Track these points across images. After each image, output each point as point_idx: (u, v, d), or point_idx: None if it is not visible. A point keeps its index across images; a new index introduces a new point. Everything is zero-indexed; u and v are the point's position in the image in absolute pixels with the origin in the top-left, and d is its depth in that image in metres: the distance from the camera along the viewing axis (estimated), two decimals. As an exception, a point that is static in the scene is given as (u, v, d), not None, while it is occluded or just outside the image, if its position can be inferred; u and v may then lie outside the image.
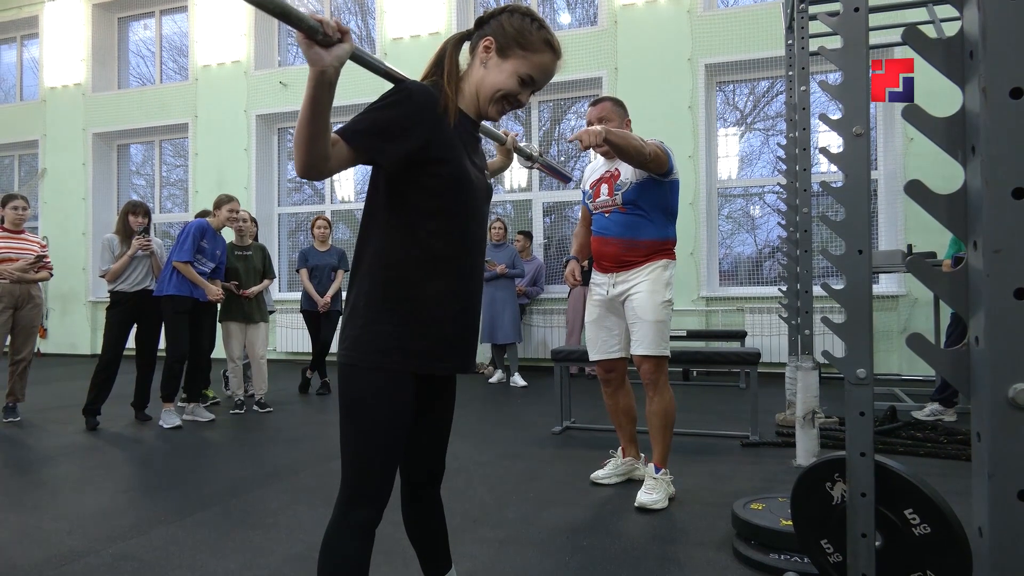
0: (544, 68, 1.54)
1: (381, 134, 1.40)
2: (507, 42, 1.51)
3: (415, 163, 1.43)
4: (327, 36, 1.21)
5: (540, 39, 1.53)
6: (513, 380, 6.64)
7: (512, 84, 1.52)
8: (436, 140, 1.45)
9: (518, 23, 1.53)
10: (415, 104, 1.43)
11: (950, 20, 4.41)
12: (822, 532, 1.81)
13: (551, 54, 1.55)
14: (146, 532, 2.65)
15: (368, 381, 1.43)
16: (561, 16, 8.63)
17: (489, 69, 1.52)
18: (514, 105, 1.56)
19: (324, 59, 1.22)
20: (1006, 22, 0.74)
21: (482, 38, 1.54)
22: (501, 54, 1.52)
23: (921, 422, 4.26)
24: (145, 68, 10.69)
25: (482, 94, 1.53)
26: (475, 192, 1.53)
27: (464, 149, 1.52)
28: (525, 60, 1.52)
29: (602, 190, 3.10)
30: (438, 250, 1.47)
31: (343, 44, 1.24)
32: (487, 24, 1.56)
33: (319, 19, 1.20)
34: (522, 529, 2.66)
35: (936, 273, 0.88)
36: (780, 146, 4.88)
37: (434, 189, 1.46)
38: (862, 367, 1.65)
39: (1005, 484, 0.77)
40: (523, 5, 1.59)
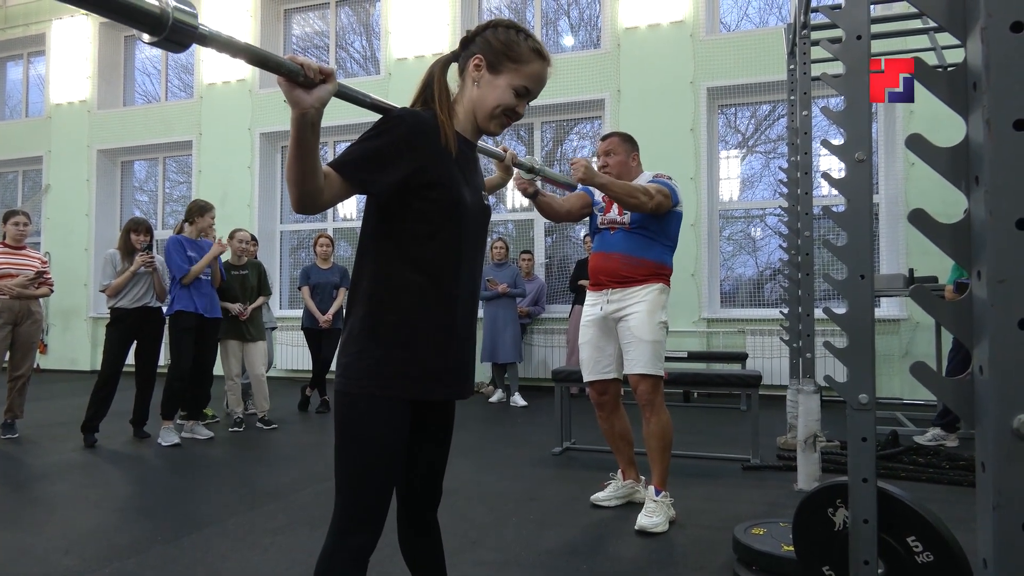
0: (537, 76, 1.55)
1: (372, 164, 1.39)
2: (497, 57, 1.52)
3: (408, 189, 1.43)
4: (308, 79, 1.21)
5: (528, 49, 1.53)
6: (513, 400, 6.62)
7: (509, 98, 1.52)
8: (429, 166, 1.44)
9: (504, 36, 1.53)
10: (406, 131, 1.42)
11: (951, 48, 4.45)
12: (824, 558, 1.79)
13: (541, 61, 1.55)
14: (143, 552, 2.63)
15: (362, 408, 1.42)
16: (564, 39, 8.71)
17: (483, 87, 1.52)
18: (513, 118, 1.56)
19: (305, 101, 1.22)
20: (1009, 55, 0.75)
21: (470, 57, 1.54)
22: (492, 70, 1.52)
23: (923, 447, 4.24)
24: (150, 86, 10.78)
25: (480, 112, 1.53)
26: (471, 216, 1.53)
27: (460, 173, 1.51)
28: (517, 72, 1.52)
29: (613, 207, 3.14)
30: (433, 277, 1.46)
31: (325, 85, 1.24)
32: (473, 43, 1.56)
33: (300, 62, 1.20)
34: (521, 551, 2.64)
35: (940, 302, 0.88)
36: (782, 169, 4.91)
37: (428, 214, 1.46)
38: (864, 392, 1.65)
39: (1010, 515, 0.77)
40: (505, 18, 1.60)
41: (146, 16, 0.93)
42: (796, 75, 3.98)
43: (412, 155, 1.42)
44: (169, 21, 0.94)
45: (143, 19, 0.93)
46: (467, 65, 1.55)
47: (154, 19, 0.94)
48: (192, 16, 0.98)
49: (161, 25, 0.94)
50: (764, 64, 7.11)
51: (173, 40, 0.97)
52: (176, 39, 0.97)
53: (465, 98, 1.55)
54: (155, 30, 0.94)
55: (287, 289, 9.47)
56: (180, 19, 0.96)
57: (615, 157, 3.16)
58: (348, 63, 9.76)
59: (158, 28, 0.94)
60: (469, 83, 1.54)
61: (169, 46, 0.98)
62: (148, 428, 4.96)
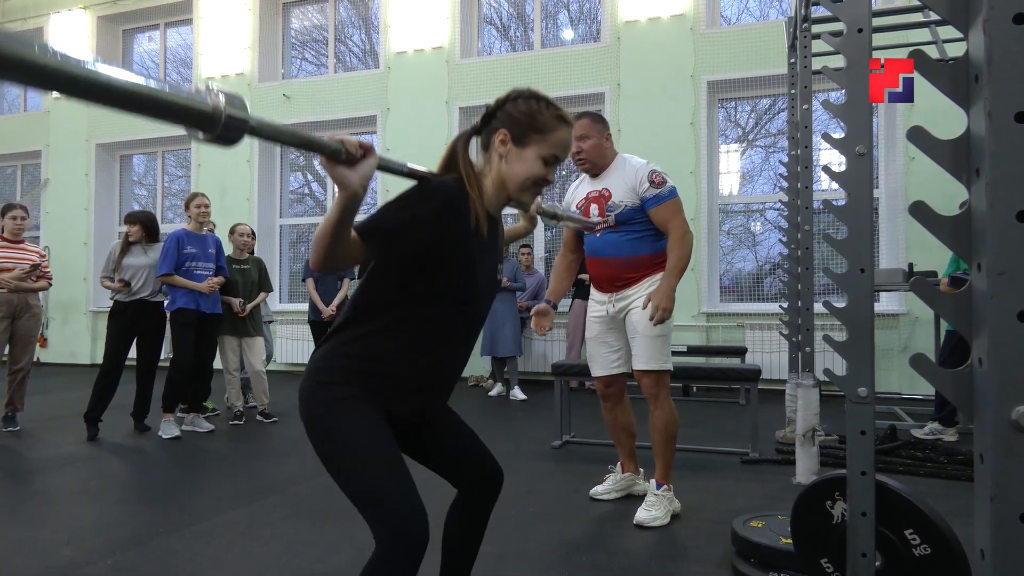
0: (563, 143, 1.55)
1: (396, 235, 1.39)
2: (521, 130, 1.51)
3: (427, 258, 1.44)
4: (350, 155, 1.19)
5: (552, 117, 1.53)
6: (513, 394, 6.63)
7: (539, 169, 1.52)
8: (452, 244, 1.45)
9: (526, 108, 1.53)
10: (437, 207, 1.41)
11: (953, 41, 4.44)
12: (822, 551, 1.80)
13: (566, 127, 1.55)
14: (145, 543, 2.64)
15: (333, 420, 1.43)
16: (564, 32, 8.69)
17: (511, 161, 1.52)
18: (544, 186, 1.56)
19: (353, 182, 1.21)
20: (1011, 47, 0.75)
21: (494, 132, 1.53)
22: (519, 143, 1.51)
23: (921, 441, 4.25)
24: (150, 79, 10.74)
25: (512, 185, 1.53)
26: (477, 295, 1.54)
27: (480, 253, 1.51)
28: (544, 142, 1.51)
29: (592, 210, 3.03)
30: (426, 337, 1.48)
31: (368, 160, 1.22)
32: (495, 117, 1.55)
33: (340, 140, 1.18)
34: (520, 544, 2.64)
35: (939, 294, 0.88)
36: (782, 163, 4.91)
37: (437, 284, 1.47)
38: (863, 386, 1.65)
39: (1008, 507, 0.77)
40: (524, 89, 1.59)
41: (200, 117, 0.91)
42: (797, 69, 3.98)
43: (438, 232, 1.42)
44: (222, 119, 0.93)
45: (196, 120, 0.91)
46: (492, 140, 1.54)
47: (207, 119, 0.92)
48: (243, 110, 0.96)
49: (214, 124, 0.92)
50: (765, 58, 7.10)
51: (225, 137, 0.95)
52: (228, 136, 0.95)
53: (492, 171, 1.54)
54: (208, 129, 0.93)
55: (287, 283, 9.47)
56: (232, 115, 0.94)
57: (588, 141, 2.99)
58: (347, 57, 9.74)
59: (211, 127, 0.92)
60: (495, 157, 1.53)
61: (221, 143, 0.96)
62: (149, 421, 4.97)
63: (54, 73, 0.73)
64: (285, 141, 1.09)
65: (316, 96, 9.08)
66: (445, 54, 8.47)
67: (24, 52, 0.69)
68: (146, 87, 0.85)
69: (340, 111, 8.96)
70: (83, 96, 0.79)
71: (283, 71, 9.79)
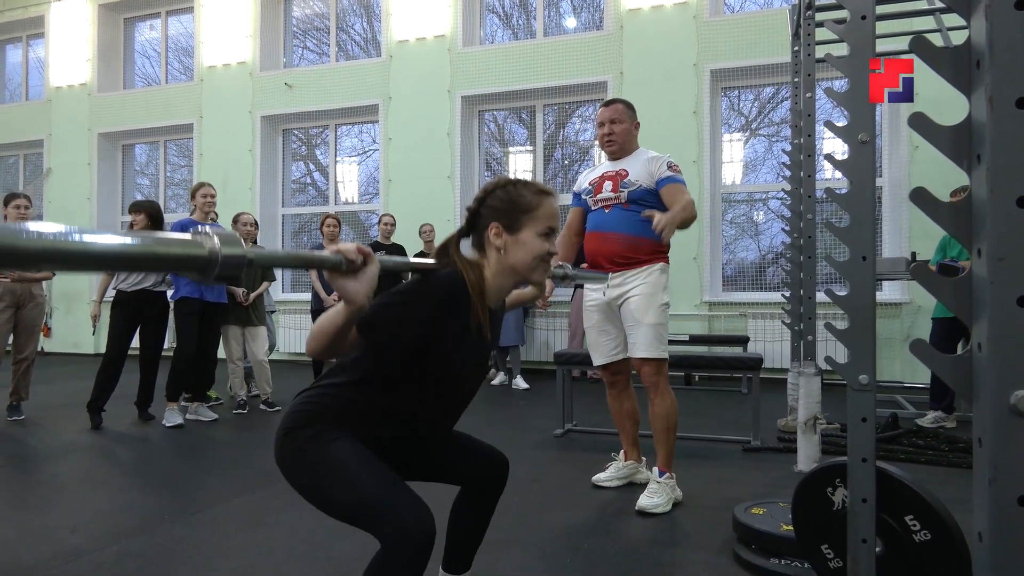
0: (552, 214, 1.57)
1: (394, 331, 1.43)
2: (511, 218, 1.54)
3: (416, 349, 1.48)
4: (351, 263, 1.20)
5: (533, 194, 1.56)
6: (515, 383, 6.65)
7: (539, 245, 1.54)
8: (445, 341, 1.49)
9: (506, 195, 1.56)
10: (437, 306, 1.45)
11: (957, 29, 4.42)
12: (823, 537, 1.81)
13: (549, 197, 1.58)
14: (150, 531, 2.66)
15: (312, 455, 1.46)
16: (567, 20, 8.65)
17: (510, 250, 1.54)
18: (550, 259, 1.58)
19: (359, 297, 1.22)
20: (1013, 32, 0.75)
21: (485, 229, 1.56)
22: (512, 230, 1.54)
23: (923, 429, 4.26)
24: (150, 69, 10.73)
25: (522, 270, 1.55)
26: (462, 381, 1.59)
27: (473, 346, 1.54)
28: (535, 220, 1.54)
29: (605, 186, 3.08)
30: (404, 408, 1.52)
31: (369, 267, 1.23)
32: (479, 215, 1.58)
33: (338, 250, 1.19)
34: (523, 531, 2.66)
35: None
36: (785, 152, 4.89)
37: (421, 368, 1.50)
38: (864, 373, 1.65)
39: (1006, 489, 0.78)
40: (495, 179, 1.62)
41: (195, 262, 0.92)
42: (800, 56, 3.96)
43: (434, 329, 1.46)
44: (218, 260, 0.93)
45: (193, 265, 0.92)
46: (485, 236, 1.56)
47: (204, 263, 0.92)
48: (238, 246, 0.96)
49: (211, 266, 0.93)
50: (768, 46, 7.06)
51: (224, 276, 0.95)
52: (227, 274, 0.95)
53: (492, 264, 1.56)
54: (206, 272, 0.93)
55: (288, 273, 9.48)
56: (228, 255, 0.94)
57: (620, 125, 3.08)
58: (349, 45, 9.70)
59: (208, 270, 0.93)
60: (493, 252, 1.55)
61: (221, 282, 0.97)
62: (153, 410, 4.99)
63: (46, 255, 0.73)
64: (285, 265, 1.12)
65: (318, 85, 9.06)
66: (447, 42, 8.44)
67: (11, 241, 0.69)
68: (140, 247, 0.85)
69: (342, 100, 8.93)
70: (82, 268, 0.80)
71: (284, 60, 9.76)
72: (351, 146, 9.58)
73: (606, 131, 3.10)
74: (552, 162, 8.59)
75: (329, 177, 9.54)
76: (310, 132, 9.77)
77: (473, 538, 1.79)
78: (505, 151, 8.84)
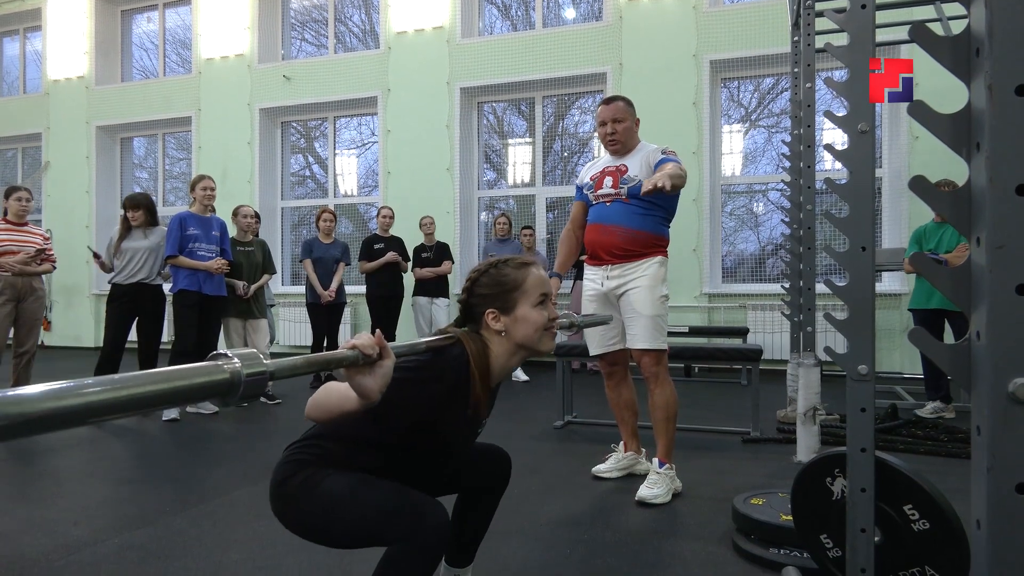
0: (540, 281, 1.58)
1: (395, 410, 1.41)
2: (502, 300, 1.55)
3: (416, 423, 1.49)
4: (367, 356, 1.18)
5: (515, 269, 1.56)
6: (515, 375, 6.66)
7: (538, 316, 1.55)
8: (442, 421, 1.50)
9: (490, 280, 1.56)
10: (439, 390, 1.46)
11: (957, 18, 4.40)
12: (822, 527, 1.82)
13: (534, 268, 1.59)
14: (151, 523, 2.67)
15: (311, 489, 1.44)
16: (566, 11, 8.61)
17: (512, 329, 1.54)
18: (553, 323, 1.59)
19: (373, 393, 1.21)
20: (1013, 20, 0.75)
21: (481, 317, 1.56)
22: (507, 312, 1.54)
23: (922, 420, 4.27)
24: (148, 61, 10.70)
25: (531, 344, 1.56)
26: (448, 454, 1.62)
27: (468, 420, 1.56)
28: (526, 294, 1.55)
29: (605, 182, 3.09)
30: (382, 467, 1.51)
31: (385, 361, 1.20)
32: (473, 306, 1.58)
33: (354, 345, 1.17)
34: (523, 521, 2.67)
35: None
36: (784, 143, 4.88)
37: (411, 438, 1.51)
38: (864, 363, 1.65)
39: (1004, 478, 0.78)
40: (475, 268, 1.63)
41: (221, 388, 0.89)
42: (800, 47, 3.95)
43: (436, 411, 1.47)
44: (242, 383, 0.90)
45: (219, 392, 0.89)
46: (483, 323, 1.56)
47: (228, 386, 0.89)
48: (260, 365, 0.93)
49: (235, 388, 0.90)
50: (768, 36, 7.04)
51: (247, 396, 0.92)
52: (252, 393, 0.93)
53: (498, 346, 1.56)
54: (231, 395, 0.90)
55: (288, 265, 9.48)
56: (252, 374, 0.91)
57: (622, 124, 3.08)
58: (347, 37, 9.67)
59: (232, 392, 0.90)
60: (495, 336, 1.56)
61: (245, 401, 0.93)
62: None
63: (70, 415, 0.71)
64: (304, 372, 1.07)
65: (316, 77, 9.03)
66: (446, 34, 8.41)
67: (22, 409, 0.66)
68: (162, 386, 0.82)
69: (340, 92, 8.91)
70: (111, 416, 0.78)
71: (283, 52, 9.73)
72: (350, 138, 9.56)
73: (609, 130, 3.10)
74: (551, 154, 8.57)
75: (328, 169, 9.52)
76: (309, 124, 9.74)
77: (477, 533, 1.80)
78: (504, 143, 8.82)
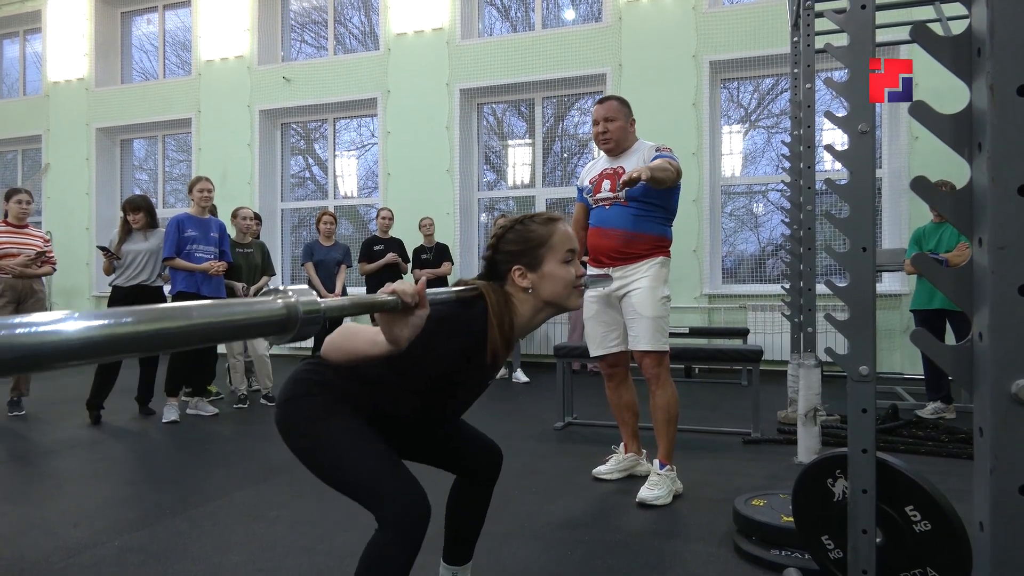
0: (567, 237, 1.55)
1: (419, 358, 1.42)
2: (529, 255, 1.52)
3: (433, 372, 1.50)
4: (406, 305, 1.17)
5: (541, 225, 1.55)
6: (515, 376, 6.65)
7: (566, 272, 1.53)
8: (454, 371, 1.50)
9: (517, 236, 1.55)
10: (459, 345, 1.46)
11: (957, 18, 4.40)
12: (823, 528, 1.81)
13: (560, 223, 1.57)
14: (151, 525, 2.66)
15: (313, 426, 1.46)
16: (565, 12, 8.62)
17: (539, 286, 1.52)
18: (580, 280, 1.57)
19: (402, 339, 1.21)
20: (1015, 20, 0.75)
21: (507, 274, 1.54)
22: (534, 268, 1.52)
23: (923, 420, 4.26)
24: (148, 63, 10.70)
25: (560, 301, 1.54)
26: (450, 404, 1.62)
27: (477, 373, 1.56)
28: (552, 249, 1.53)
29: (604, 185, 3.09)
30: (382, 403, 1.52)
31: (419, 312, 1.20)
32: (498, 263, 1.56)
33: (394, 290, 1.16)
34: (524, 522, 2.67)
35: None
36: (784, 143, 4.88)
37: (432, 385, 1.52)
38: (865, 364, 1.65)
39: (1006, 479, 0.78)
40: (500, 224, 1.61)
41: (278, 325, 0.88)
42: (800, 47, 3.95)
43: (452, 364, 1.48)
44: (299, 319, 0.90)
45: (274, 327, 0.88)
46: (510, 280, 1.54)
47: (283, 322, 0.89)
48: (315, 302, 0.93)
49: (292, 325, 0.90)
50: (767, 37, 7.05)
51: (303, 333, 0.92)
52: (307, 332, 0.92)
53: (524, 304, 1.54)
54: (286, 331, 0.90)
55: (288, 267, 9.48)
56: (308, 312, 0.91)
57: (615, 123, 3.07)
58: (347, 39, 9.67)
59: (288, 328, 0.90)
60: (520, 293, 1.54)
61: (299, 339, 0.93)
62: (153, 405, 5.00)
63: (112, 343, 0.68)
64: (351, 313, 1.08)
65: (316, 78, 9.03)
66: (445, 35, 8.41)
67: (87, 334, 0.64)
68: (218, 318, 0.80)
69: (340, 93, 8.91)
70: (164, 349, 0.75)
71: (283, 53, 9.73)
72: (350, 140, 9.56)
73: (601, 129, 3.10)
74: (551, 155, 8.57)
75: (328, 171, 9.52)
76: (308, 126, 9.74)
77: (471, 530, 1.80)
78: (504, 144, 8.82)
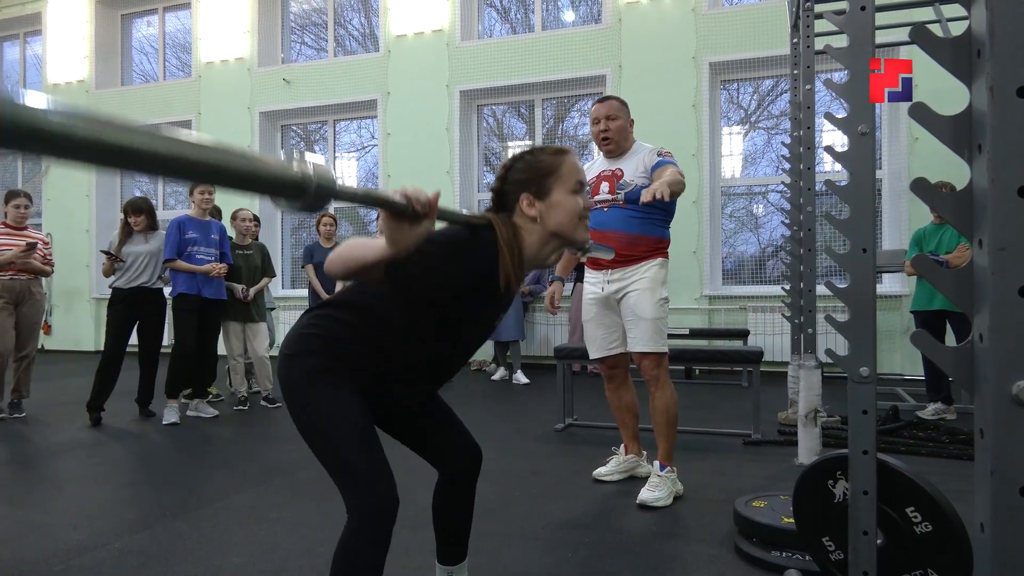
0: (575, 168, 1.55)
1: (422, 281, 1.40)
2: (537, 184, 1.52)
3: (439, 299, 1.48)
4: (416, 213, 1.17)
5: (551, 155, 1.54)
6: (516, 377, 6.65)
7: (574, 203, 1.53)
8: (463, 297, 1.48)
9: (526, 165, 1.54)
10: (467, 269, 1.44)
11: (957, 20, 4.41)
12: (824, 529, 1.81)
13: (568, 155, 1.56)
14: (151, 527, 2.66)
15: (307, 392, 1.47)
16: (565, 14, 8.62)
17: (546, 215, 1.52)
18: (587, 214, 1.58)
19: (402, 244, 1.20)
20: (1014, 21, 0.75)
21: (515, 204, 1.53)
22: (543, 197, 1.52)
23: (924, 421, 4.26)
24: (148, 65, 10.70)
25: (566, 232, 1.53)
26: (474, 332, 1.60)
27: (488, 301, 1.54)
28: (561, 179, 1.52)
29: (602, 187, 3.07)
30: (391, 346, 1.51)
31: (426, 222, 1.20)
32: (507, 192, 1.56)
33: (406, 195, 1.16)
34: (525, 524, 2.67)
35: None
36: (784, 145, 4.89)
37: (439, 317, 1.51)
38: (865, 365, 1.65)
39: (1007, 481, 0.78)
40: (510, 157, 1.61)
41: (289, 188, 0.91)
42: (799, 48, 3.96)
43: (461, 291, 1.46)
44: (313, 187, 0.93)
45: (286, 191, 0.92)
46: (518, 209, 1.53)
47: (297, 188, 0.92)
48: (330, 176, 0.96)
49: (304, 192, 0.92)
50: (767, 38, 7.05)
51: (315, 206, 0.95)
52: (318, 204, 0.96)
53: (532, 234, 1.53)
54: (298, 197, 0.93)
55: (289, 268, 9.48)
56: (322, 184, 0.94)
57: (616, 122, 3.05)
58: (347, 40, 9.68)
59: (301, 195, 0.92)
60: (528, 223, 1.53)
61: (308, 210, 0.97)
62: (154, 407, 5.00)
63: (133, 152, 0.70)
64: (362, 202, 1.11)
65: (316, 80, 9.04)
66: (445, 37, 8.42)
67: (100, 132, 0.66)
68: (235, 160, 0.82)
69: (340, 95, 8.92)
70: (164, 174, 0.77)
71: (283, 55, 9.74)
72: (350, 141, 9.57)
73: (602, 128, 3.07)
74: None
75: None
76: (309, 128, 9.75)
77: (461, 529, 1.78)
78: (504, 145, 8.82)
